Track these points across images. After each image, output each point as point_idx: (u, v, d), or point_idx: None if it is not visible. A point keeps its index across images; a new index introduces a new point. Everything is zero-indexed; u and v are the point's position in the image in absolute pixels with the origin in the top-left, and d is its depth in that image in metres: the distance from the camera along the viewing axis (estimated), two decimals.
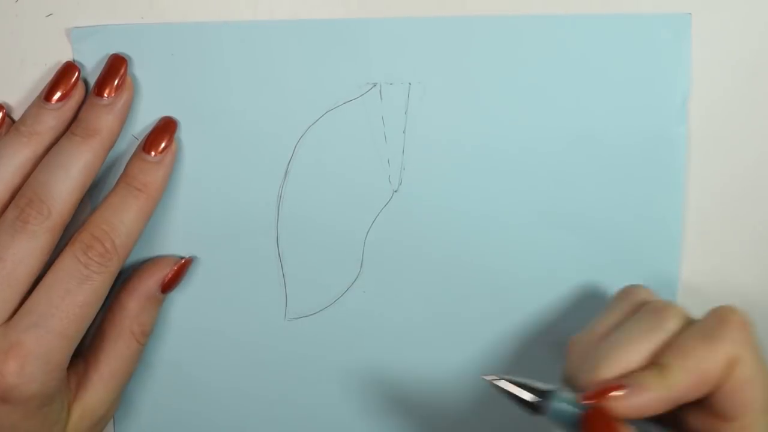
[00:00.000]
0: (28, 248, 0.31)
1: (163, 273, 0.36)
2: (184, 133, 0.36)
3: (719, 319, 0.30)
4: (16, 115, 0.35)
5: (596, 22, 0.35)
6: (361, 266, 0.37)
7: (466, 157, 0.36)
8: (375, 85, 0.35)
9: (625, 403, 0.27)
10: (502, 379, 0.29)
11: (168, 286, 0.36)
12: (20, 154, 0.33)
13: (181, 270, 0.36)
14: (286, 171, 0.36)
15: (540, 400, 0.28)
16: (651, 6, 0.35)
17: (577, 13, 0.35)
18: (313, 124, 0.36)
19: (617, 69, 0.35)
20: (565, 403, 0.28)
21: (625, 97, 0.36)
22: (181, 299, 0.37)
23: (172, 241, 0.36)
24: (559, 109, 0.36)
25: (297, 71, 0.35)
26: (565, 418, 0.28)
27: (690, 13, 0.35)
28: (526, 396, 0.29)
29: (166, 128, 0.35)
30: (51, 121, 0.33)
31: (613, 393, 0.28)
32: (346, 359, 0.38)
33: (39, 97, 0.34)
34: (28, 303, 0.32)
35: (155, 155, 0.34)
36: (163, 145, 0.34)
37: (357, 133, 0.36)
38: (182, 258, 0.36)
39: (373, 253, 0.37)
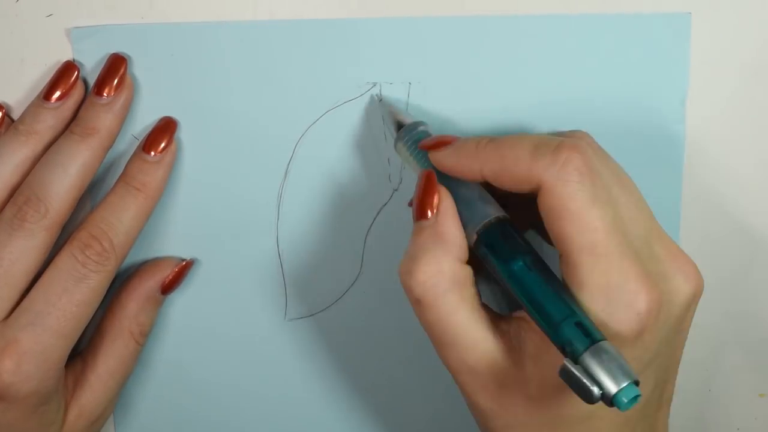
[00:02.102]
0: (25, 247, 0.31)
1: (163, 274, 0.35)
2: (184, 133, 0.36)
3: (549, 143, 0.29)
4: (16, 115, 0.35)
5: (596, 21, 0.35)
6: (361, 266, 0.37)
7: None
8: (375, 85, 0.35)
9: (441, 154, 0.31)
10: (385, 106, 0.35)
11: (168, 287, 0.36)
12: (19, 152, 0.33)
13: (181, 272, 0.36)
14: (286, 171, 0.36)
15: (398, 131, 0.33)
16: (651, 6, 0.35)
17: (576, 13, 0.35)
18: (313, 123, 0.36)
19: (617, 68, 0.36)
20: (411, 140, 0.33)
21: (624, 96, 0.36)
22: (181, 299, 0.37)
23: (171, 241, 0.36)
24: (559, 108, 0.36)
25: (297, 71, 0.35)
26: (404, 154, 0.33)
27: (690, 13, 0.35)
28: (396, 125, 0.34)
29: (165, 128, 0.35)
30: (50, 120, 0.33)
31: (442, 146, 0.31)
32: (346, 359, 0.38)
33: (38, 96, 0.34)
34: (25, 301, 0.32)
35: (155, 155, 0.34)
36: (162, 144, 0.34)
37: (357, 133, 0.36)
38: (183, 260, 0.36)
39: (373, 253, 0.37)
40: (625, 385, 0.25)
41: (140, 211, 0.34)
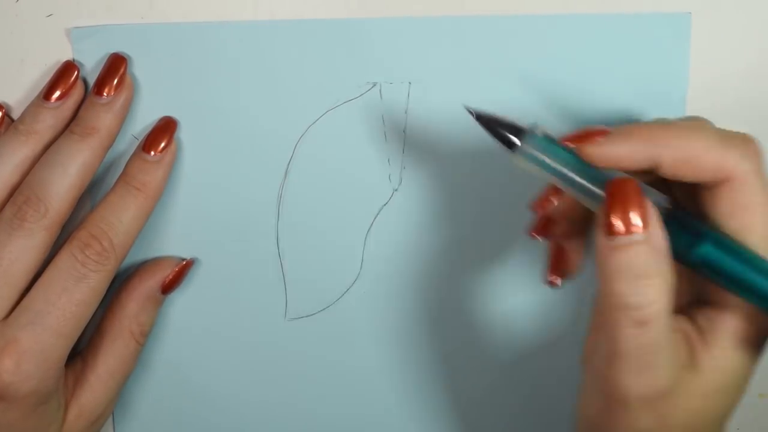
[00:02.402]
0: (25, 246, 0.31)
1: (163, 274, 0.35)
2: (184, 133, 0.36)
3: (735, 135, 0.28)
4: (16, 115, 0.35)
5: (596, 21, 0.35)
6: (361, 266, 0.37)
7: (467, 156, 0.36)
8: (375, 85, 0.35)
9: (607, 145, 0.28)
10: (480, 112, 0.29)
11: (168, 287, 0.36)
12: (18, 152, 0.33)
13: (181, 271, 0.36)
14: (286, 171, 0.36)
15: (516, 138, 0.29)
16: (651, 6, 0.35)
17: (576, 13, 0.35)
18: (313, 123, 0.36)
19: (617, 68, 0.36)
20: (544, 141, 0.28)
21: (624, 96, 0.36)
22: (181, 299, 0.37)
23: (171, 241, 0.36)
24: (559, 108, 0.36)
25: (297, 71, 0.35)
26: (538, 160, 0.28)
27: (690, 13, 0.35)
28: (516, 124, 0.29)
29: (166, 128, 0.35)
30: (50, 119, 0.33)
31: (597, 137, 0.28)
32: (346, 359, 0.38)
33: (38, 96, 0.34)
34: (25, 301, 0.32)
35: (155, 155, 0.34)
36: (162, 144, 0.34)
37: (357, 133, 0.36)
38: (183, 259, 0.36)
39: (373, 253, 0.37)
40: None
41: (140, 211, 0.34)
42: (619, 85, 0.36)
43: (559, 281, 0.33)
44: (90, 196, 0.36)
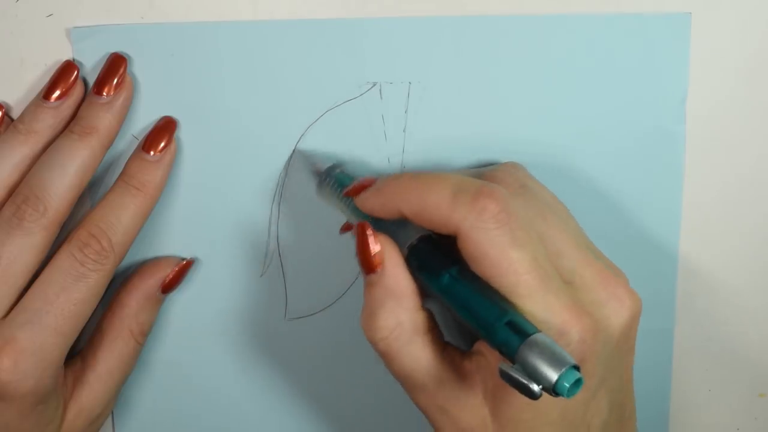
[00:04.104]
0: (23, 245, 0.31)
1: (164, 273, 0.35)
2: (183, 133, 0.36)
3: (468, 190, 0.29)
4: (16, 115, 0.35)
5: (596, 21, 0.35)
6: None
7: (466, 155, 0.36)
8: (375, 85, 0.35)
9: (364, 196, 0.31)
10: (303, 154, 0.35)
11: (168, 286, 0.36)
12: (18, 152, 0.33)
13: (182, 271, 0.36)
14: (286, 171, 0.36)
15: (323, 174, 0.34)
16: (651, 6, 0.35)
17: (577, 13, 0.35)
18: (313, 123, 0.36)
19: (617, 68, 0.36)
20: (333, 187, 0.34)
21: (624, 97, 0.36)
22: (181, 299, 0.37)
23: (171, 241, 0.36)
24: (559, 108, 0.36)
25: (297, 71, 0.35)
26: (331, 201, 0.34)
27: (690, 13, 0.35)
28: (316, 167, 0.35)
29: (165, 128, 0.35)
30: (49, 119, 0.33)
31: (363, 189, 0.32)
32: (346, 359, 0.38)
33: (38, 95, 0.34)
34: (23, 300, 0.32)
35: (154, 154, 0.34)
36: (162, 144, 0.34)
37: (357, 132, 0.36)
38: (183, 259, 0.36)
39: None
40: (564, 370, 0.25)
41: (139, 211, 0.34)
42: (619, 85, 0.36)
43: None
44: (90, 195, 0.36)
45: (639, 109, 0.36)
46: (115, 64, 0.34)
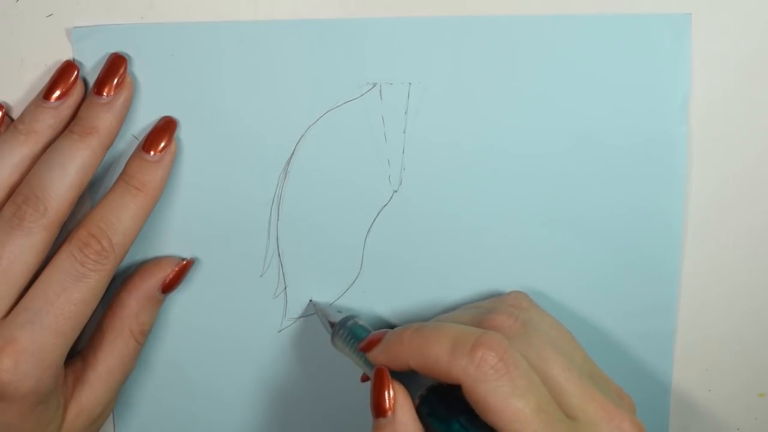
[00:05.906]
0: (24, 245, 0.31)
1: (164, 273, 0.35)
2: (183, 133, 0.36)
3: (467, 341, 0.30)
4: (16, 115, 0.35)
5: (596, 22, 0.35)
6: (361, 266, 0.37)
7: (467, 157, 0.36)
8: (375, 85, 0.35)
9: (374, 353, 0.32)
10: (316, 306, 0.37)
11: (169, 286, 0.36)
12: (18, 152, 0.33)
13: (182, 271, 0.36)
14: (286, 171, 0.36)
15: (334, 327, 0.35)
16: (651, 6, 0.35)
17: (577, 14, 0.35)
18: (313, 123, 0.36)
19: (617, 69, 0.35)
20: (351, 332, 0.35)
21: (625, 98, 0.36)
22: (181, 299, 0.37)
23: (171, 241, 0.36)
24: (559, 109, 0.36)
25: (297, 71, 0.35)
26: (347, 345, 0.35)
27: (690, 13, 0.35)
28: (330, 319, 0.36)
29: (165, 128, 0.35)
30: (49, 119, 0.33)
31: (373, 345, 0.33)
32: (346, 359, 0.38)
33: (38, 95, 0.34)
34: (24, 300, 0.31)
35: (154, 154, 0.34)
36: (162, 144, 0.34)
37: (357, 133, 0.36)
38: (184, 259, 0.36)
39: (373, 253, 0.37)
40: None
41: (139, 211, 0.33)
42: (620, 85, 0.36)
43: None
44: (90, 195, 0.36)
45: (640, 111, 0.36)
46: (115, 64, 0.34)
